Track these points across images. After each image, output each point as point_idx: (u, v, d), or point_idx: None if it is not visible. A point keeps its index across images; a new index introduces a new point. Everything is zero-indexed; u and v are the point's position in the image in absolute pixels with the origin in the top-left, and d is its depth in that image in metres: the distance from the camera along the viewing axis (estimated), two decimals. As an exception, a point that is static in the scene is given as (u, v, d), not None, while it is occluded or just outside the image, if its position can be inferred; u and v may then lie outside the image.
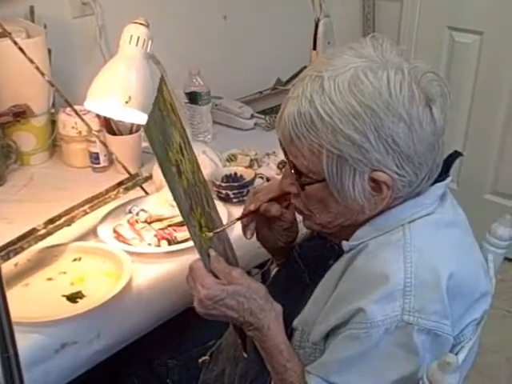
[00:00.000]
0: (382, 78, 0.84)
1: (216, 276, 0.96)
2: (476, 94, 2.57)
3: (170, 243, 1.31)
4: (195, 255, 1.29)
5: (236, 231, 1.36)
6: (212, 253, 0.97)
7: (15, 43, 1.29)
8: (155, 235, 1.32)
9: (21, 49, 1.30)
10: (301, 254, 1.09)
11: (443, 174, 0.96)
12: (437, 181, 0.94)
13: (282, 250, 1.15)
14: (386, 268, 0.86)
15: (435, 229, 0.92)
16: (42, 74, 1.33)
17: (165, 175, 0.87)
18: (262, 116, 1.91)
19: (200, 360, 1.19)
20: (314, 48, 1.75)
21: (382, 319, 0.84)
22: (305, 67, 2.06)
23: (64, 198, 1.42)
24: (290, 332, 0.98)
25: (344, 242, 0.95)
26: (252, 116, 1.91)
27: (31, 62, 1.32)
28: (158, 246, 1.31)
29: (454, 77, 2.58)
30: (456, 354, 0.86)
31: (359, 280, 0.89)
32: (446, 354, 0.83)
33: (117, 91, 1.32)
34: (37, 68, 1.32)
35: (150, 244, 1.31)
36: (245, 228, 1.09)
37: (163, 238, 1.32)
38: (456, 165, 1.01)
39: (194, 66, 1.76)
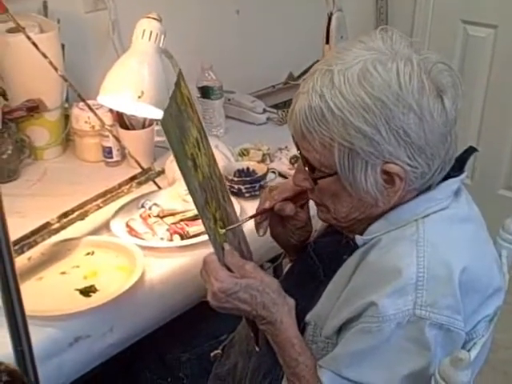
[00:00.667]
0: (391, 70, 0.84)
1: (230, 270, 0.96)
2: (490, 88, 2.55)
3: (182, 238, 1.32)
4: (208, 249, 1.29)
5: (249, 226, 1.36)
6: (226, 246, 0.97)
7: (29, 38, 1.30)
8: (168, 229, 1.33)
9: (34, 44, 1.31)
10: (316, 250, 1.09)
11: (458, 170, 0.95)
12: (451, 176, 0.94)
13: (295, 247, 1.15)
14: (398, 262, 0.86)
15: (449, 224, 0.92)
16: (56, 69, 1.33)
17: (181, 168, 0.87)
18: (275, 110, 1.91)
19: (212, 354, 1.20)
20: (327, 42, 1.75)
21: (394, 313, 0.84)
22: (317, 61, 2.06)
23: (77, 193, 1.42)
24: (302, 327, 0.98)
25: (358, 237, 0.95)
26: (264, 110, 1.90)
27: (44, 56, 1.32)
28: (171, 240, 1.32)
29: (468, 71, 2.56)
30: (468, 351, 0.86)
31: (372, 274, 0.89)
32: (458, 349, 0.83)
33: (129, 86, 1.32)
34: (50, 63, 1.33)
35: (162, 238, 1.32)
36: (258, 225, 1.10)
37: (176, 233, 1.32)
38: (470, 160, 1.00)
39: (207, 60, 1.76)
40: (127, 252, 1.25)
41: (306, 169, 0.93)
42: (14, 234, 1.23)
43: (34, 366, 0.95)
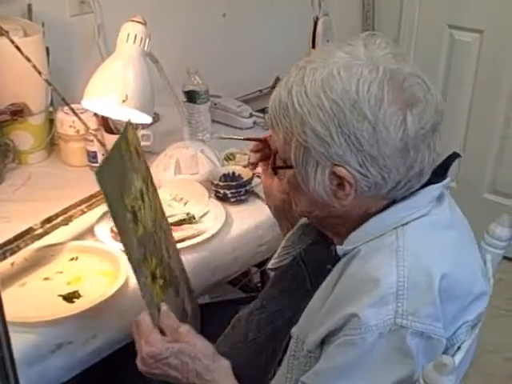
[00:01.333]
0: (353, 76, 0.85)
1: (163, 332, 0.96)
2: (476, 92, 2.56)
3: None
4: (192, 254, 1.30)
5: (234, 231, 1.36)
6: (163, 307, 0.98)
7: (12, 42, 1.29)
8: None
9: (17, 47, 1.30)
10: (304, 257, 1.09)
11: (440, 176, 0.95)
12: (433, 182, 0.94)
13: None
14: (378, 272, 0.86)
15: (430, 230, 0.92)
16: (39, 73, 1.32)
17: (116, 221, 0.87)
18: (261, 115, 1.91)
19: None
20: (313, 47, 1.75)
21: (375, 323, 0.84)
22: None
23: (62, 197, 1.41)
24: (287, 340, 0.98)
25: (338, 247, 0.95)
26: (251, 115, 1.90)
27: (28, 60, 1.31)
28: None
29: (454, 75, 2.57)
30: (452, 356, 0.86)
31: (353, 285, 0.89)
32: (440, 355, 0.83)
33: (114, 90, 1.31)
34: (34, 67, 1.32)
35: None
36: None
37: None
38: (455, 163, 1.00)
39: (193, 64, 1.75)
40: (111, 257, 1.24)
41: (272, 156, 0.97)
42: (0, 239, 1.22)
43: (15, 373, 0.94)
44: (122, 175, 0.93)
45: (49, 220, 1.27)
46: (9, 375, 0.93)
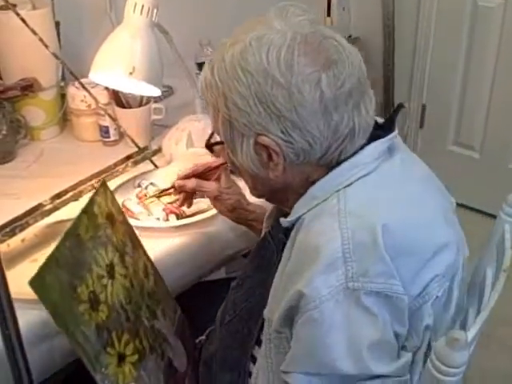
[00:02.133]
0: (263, 46, 0.85)
1: None
2: (500, 59, 2.48)
3: (178, 217, 1.29)
4: (204, 229, 1.28)
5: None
6: None
7: (17, 14, 1.26)
8: (164, 209, 1.30)
9: (23, 20, 1.27)
10: (272, 233, 1.07)
11: (388, 130, 0.93)
12: (380, 137, 0.92)
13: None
14: (321, 239, 0.85)
15: (374, 187, 0.90)
16: (46, 46, 1.30)
17: (58, 323, 0.85)
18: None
19: (197, 340, 1.19)
20: (328, 14, 1.70)
21: (328, 291, 0.82)
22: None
23: (74, 173, 1.39)
24: (262, 320, 0.97)
25: (282, 219, 0.95)
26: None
27: (34, 33, 1.29)
28: (167, 220, 1.29)
29: (477, 42, 2.49)
30: (465, 331, 0.82)
31: (300, 257, 0.87)
32: (404, 313, 0.83)
33: (120, 62, 1.28)
34: (41, 40, 1.29)
35: (158, 218, 1.29)
36: (183, 202, 1.24)
37: (172, 212, 1.29)
38: (480, 130, 0.97)
39: (205, 35, 1.72)
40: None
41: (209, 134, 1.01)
42: (9, 215, 1.21)
43: (22, 350, 0.93)
44: (76, 261, 0.92)
45: (58, 196, 1.26)
46: (16, 352, 0.93)
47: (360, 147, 0.91)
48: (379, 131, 0.93)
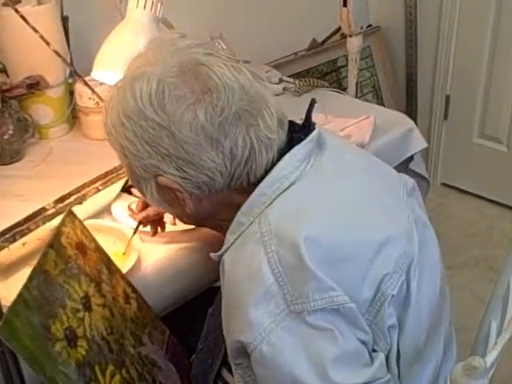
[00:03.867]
0: (137, 89, 0.85)
1: None
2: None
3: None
4: (211, 232, 1.22)
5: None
6: None
7: (17, 11, 1.22)
8: (171, 212, 1.25)
9: (23, 17, 1.23)
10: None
11: (309, 130, 0.90)
12: (300, 141, 0.88)
13: None
14: (250, 269, 0.80)
15: (294, 199, 0.86)
16: (48, 44, 1.25)
17: (35, 368, 0.82)
18: (291, 80, 1.80)
19: (191, 359, 1.15)
20: (345, 5, 1.63)
21: (272, 320, 0.78)
22: (339, 28, 1.94)
23: (83, 173, 1.34)
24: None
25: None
26: (280, 80, 1.79)
27: (35, 31, 1.24)
28: (174, 224, 1.24)
29: (503, 30, 2.39)
30: (483, 357, 0.75)
31: (231, 290, 0.84)
32: (359, 320, 0.80)
33: (123, 59, 1.22)
34: (41, 37, 1.25)
35: (165, 222, 1.24)
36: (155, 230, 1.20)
37: (179, 216, 1.24)
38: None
39: (216, 28, 1.65)
40: (125, 238, 1.18)
41: None
42: (15, 218, 1.17)
43: (17, 365, 0.90)
44: (45, 303, 0.88)
45: (62, 199, 1.21)
46: (10, 367, 0.89)
47: (281, 156, 0.87)
48: (301, 134, 0.89)
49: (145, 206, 1.16)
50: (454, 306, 1.04)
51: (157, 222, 1.19)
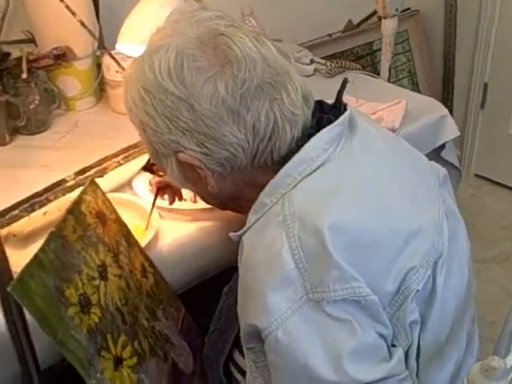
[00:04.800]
0: (156, 61, 0.83)
1: None
2: None
3: (206, 200, 1.22)
4: (231, 212, 1.20)
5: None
6: None
7: (45, -20, 1.20)
8: (192, 190, 1.23)
9: (50, -15, 1.21)
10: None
11: (339, 111, 0.87)
12: (331, 121, 0.85)
13: None
14: (270, 252, 0.77)
15: (321, 183, 0.82)
16: (73, 14, 1.23)
17: (46, 330, 0.81)
18: (323, 61, 1.76)
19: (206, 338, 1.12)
20: (382, -15, 1.58)
21: (289, 306, 0.75)
22: (375, 11, 1.88)
23: (108, 147, 1.33)
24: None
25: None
26: (312, 61, 1.75)
27: (61, 0, 1.22)
28: (194, 202, 1.22)
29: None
30: (504, 357, 0.72)
31: (249, 272, 0.81)
32: (380, 313, 0.76)
33: (148, 32, 1.19)
34: (67, 7, 1.23)
35: (185, 199, 1.22)
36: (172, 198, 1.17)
37: (200, 194, 1.22)
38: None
39: (248, 4, 1.62)
40: (144, 213, 1.16)
41: None
42: (37, 188, 1.16)
43: (28, 337, 0.89)
44: (61, 267, 0.87)
45: (82, 171, 1.20)
46: (21, 338, 0.88)
47: (307, 137, 0.84)
48: (330, 115, 0.86)
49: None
50: (482, 300, 1.01)
51: (174, 192, 1.17)
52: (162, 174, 1.02)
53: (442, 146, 1.54)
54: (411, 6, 2.45)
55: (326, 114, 0.87)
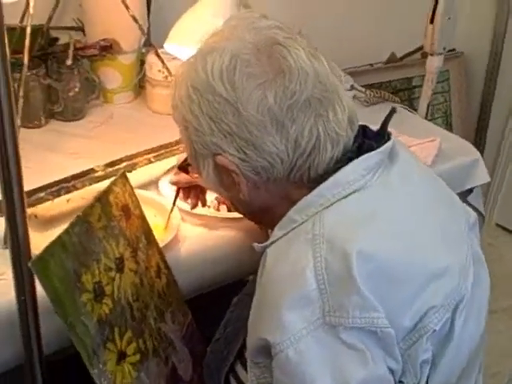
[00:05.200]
0: (209, 61, 0.83)
1: None
2: None
3: (229, 209, 1.22)
4: (252, 225, 1.19)
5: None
6: None
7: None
8: (216, 198, 1.23)
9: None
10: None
11: (382, 140, 0.86)
12: (372, 148, 0.84)
13: None
14: (294, 268, 0.77)
15: (356, 208, 0.81)
16: (127, 8, 1.25)
17: (58, 311, 0.82)
18: (363, 89, 1.76)
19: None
20: (431, 22, 1.58)
21: (304, 326, 0.74)
22: (421, 47, 1.88)
23: (139, 143, 1.35)
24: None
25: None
26: (352, 88, 1.76)
27: (114, -8, 1.24)
28: (218, 210, 1.22)
29: None
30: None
31: (269, 285, 0.80)
32: (394, 347, 0.76)
33: (198, 37, 1.20)
34: (122, 1, 1.24)
35: (208, 206, 1.22)
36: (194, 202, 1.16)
37: (224, 203, 1.22)
38: None
39: (296, 24, 1.62)
40: (166, 212, 1.17)
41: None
42: (63, 174, 1.17)
43: (36, 319, 0.89)
44: (84, 249, 0.89)
45: (112, 164, 1.21)
46: (29, 321, 0.89)
47: (347, 160, 0.83)
48: (372, 141, 0.85)
49: (179, 172, 1.13)
50: (488, 350, 1.00)
51: (198, 195, 1.16)
52: (196, 176, 1.02)
53: (470, 191, 1.53)
54: (457, 48, 2.44)
55: (368, 139, 0.87)
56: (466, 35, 2.38)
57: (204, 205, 1.19)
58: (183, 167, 1.07)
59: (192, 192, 1.16)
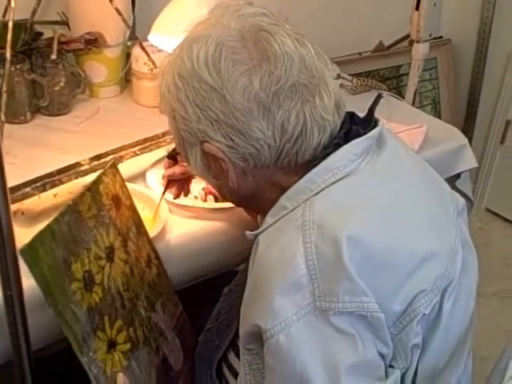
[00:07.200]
0: (195, 49, 0.83)
1: None
2: None
3: (216, 199, 1.22)
4: (242, 217, 1.20)
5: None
6: (120, 378, 0.90)
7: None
8: (203, 188, 1.23)
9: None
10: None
11: (369, 126, 0.86)
12: (359, 134, 0.85)
13: None
14: (285, 254, 0.77)
15: (345, 194, 0.82)
16: (110, 1, 1.24)
17: (47, 299, 0.82)
18: (349, 78, 1.76)
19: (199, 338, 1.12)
20: (417, 8, 1.57)
21: (295, 312, 0.75)
22: (408, 35, 1.88)
23: (126, 136, 1.34)
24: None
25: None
26: (338, 76, 1.75)
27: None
28: (205, 200, 1.22)
29: None
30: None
31: (260, 272, 0.81)
32: (384, 332, 0.76)
33: (182, 27, 1.20)
34: (103, -7, 1.24)
35: (196, 197, 1.22)
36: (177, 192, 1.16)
37: (211, 193, 1.22)
38: None
39: (284, 13, 1.62)
40: (154, 205, 1.16)
41: None
42: (50, 169, 1.17)
43: (23, 314, 0.89)
44: (74, 237, 0.89)
45: (98, 157, 1.21)
46: (16, 315, 0.88)
47: (334, 146, 0.84)
48: (359, 127, 0.86)
49: (172, 165, 1.14)
50: (477, 334, 1.00)
51: (182, 185, 1.17)
52: (185, 164, 1.02)
53: (458, 176, 1.53)
54: (444, 35, 2.44)
55: (355, 125, 0.87)
56: (453, 22, 2.38)
57: (186, 195, 1.19)
58: (172, 156, 1.07)
59: (177, 183, 1.16)
